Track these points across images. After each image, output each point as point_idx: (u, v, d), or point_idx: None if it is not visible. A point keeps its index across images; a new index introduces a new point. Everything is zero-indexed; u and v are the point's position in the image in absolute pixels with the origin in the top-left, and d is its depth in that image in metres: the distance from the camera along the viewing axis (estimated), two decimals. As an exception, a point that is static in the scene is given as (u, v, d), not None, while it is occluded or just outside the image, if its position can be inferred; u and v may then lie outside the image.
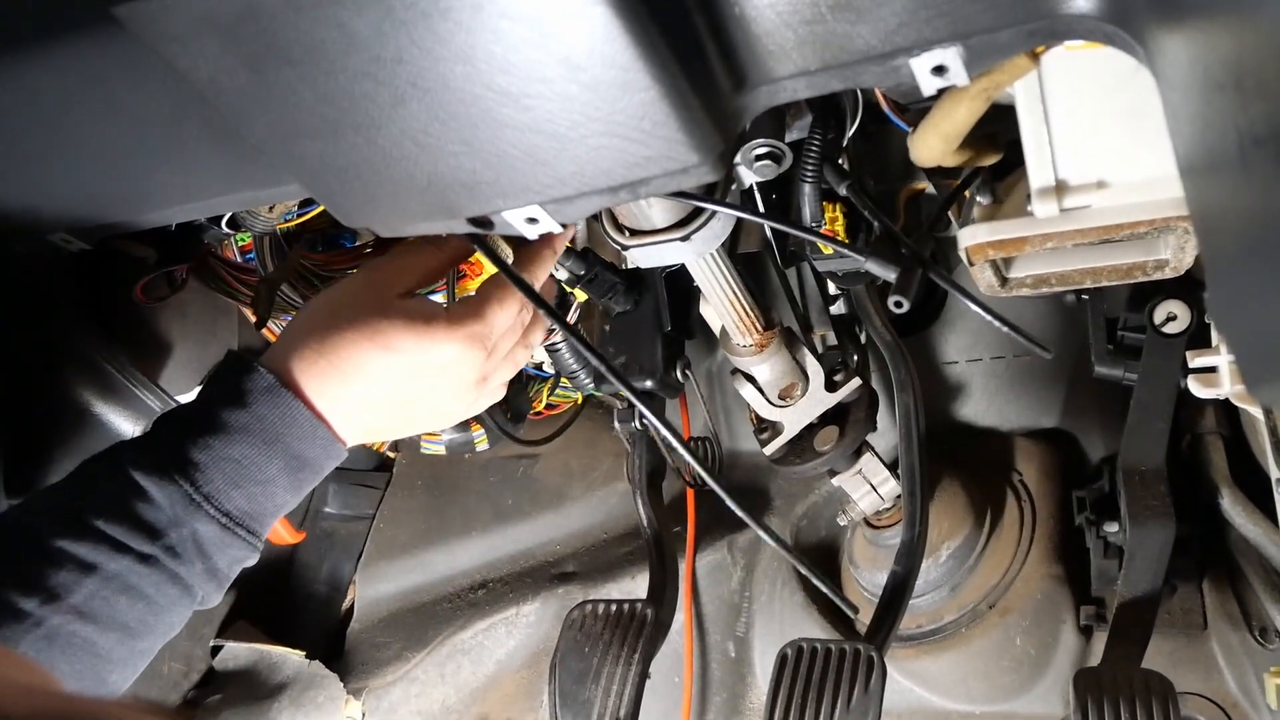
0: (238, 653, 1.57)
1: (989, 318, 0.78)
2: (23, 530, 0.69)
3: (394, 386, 0.78)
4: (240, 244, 1.16)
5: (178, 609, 0.74)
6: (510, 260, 0.93)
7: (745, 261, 1.02)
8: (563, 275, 1.02)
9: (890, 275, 0.82)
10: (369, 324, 0.76)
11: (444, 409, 0.84)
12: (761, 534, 0.77)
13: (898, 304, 0.81)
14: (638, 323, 1.06)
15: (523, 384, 1.55)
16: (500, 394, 0.89)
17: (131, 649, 0.72)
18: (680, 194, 0.77)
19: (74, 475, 0.74)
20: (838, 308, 1.23)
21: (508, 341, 0.85)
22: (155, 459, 0.72)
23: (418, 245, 0.82)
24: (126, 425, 1.16)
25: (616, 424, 1.19)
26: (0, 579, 0.66)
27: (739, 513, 0.70)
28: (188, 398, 1.25)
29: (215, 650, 1.57)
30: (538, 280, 0.86)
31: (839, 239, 0.93)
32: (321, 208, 1.10)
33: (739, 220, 0.88)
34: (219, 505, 0.73)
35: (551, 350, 1.26)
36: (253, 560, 0.78)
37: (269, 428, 0.74)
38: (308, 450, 0.76)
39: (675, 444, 0.76)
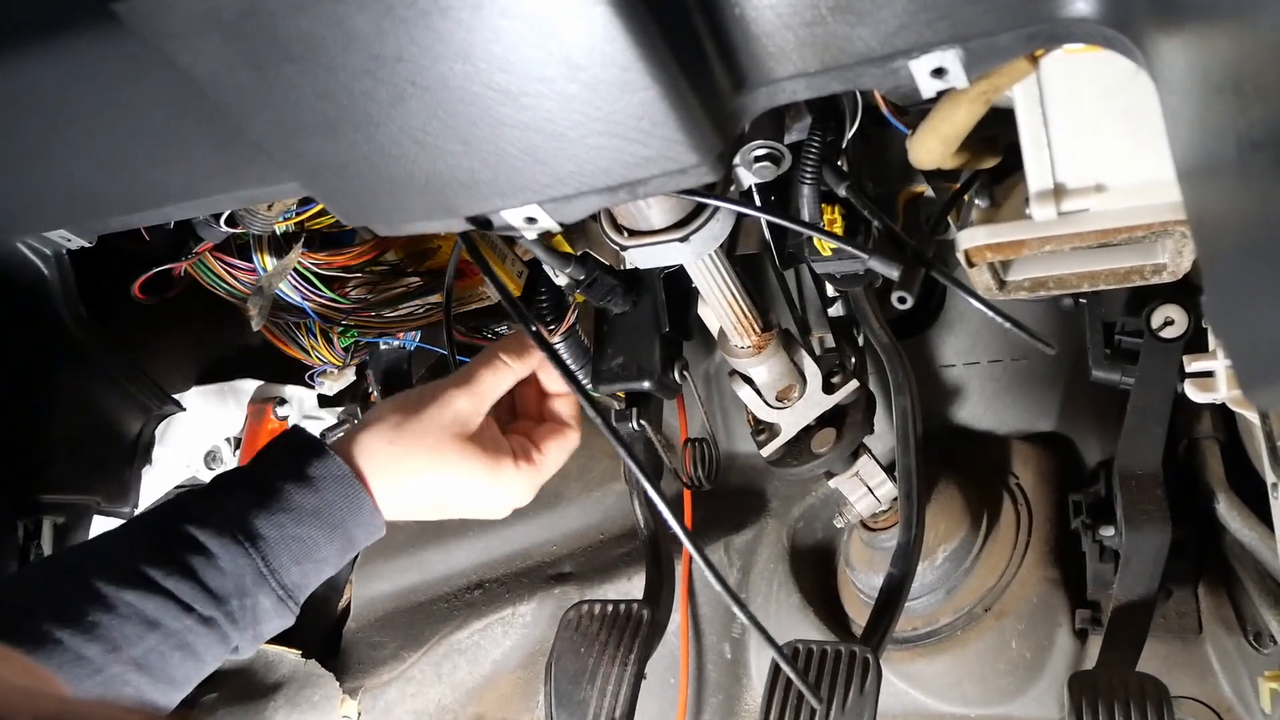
0: (233, 651, 1.57)
1: (991, 314, 0.78)
2: (88, 578, 0.71)
3: (453, 500, 0.86)
4: (239, 242, 1.16)
5: (216, 663, 0.78)
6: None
7: (744, 263, 1.02)
8: (562, 281, 1.02)
9: (893, 273, 0.82)
10: (444, 458, 0.83)
11: (503, 512, 0.92)
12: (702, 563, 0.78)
13: (901, 300, 0.81)
14: (636, 324, 1.06)
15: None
16: None
17: (171, 698, 0.75)
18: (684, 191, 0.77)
19: (135, 526, 0.77)
20: (836, 310, 1.23)
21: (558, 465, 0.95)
22: (224, 525, 0.75)
23: (498, 366, 0.87)
24: (124, 422, 1.16)
25: (614, 424, 1.19)
26: (65, 624, 0.69)
27: (681, 536, 0.71)
28: (185, 395, 1.25)
29: (211, 649, 1.57)
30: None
31: (841, 236, 0.93)
32: (320, 206, 1.10)
33: (738, 222, 0.88)
34: (280, 579, 0.77)
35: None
36: (289, 625, 0.82)
37: (335, 513, 0.79)
38: (360, 534, 0.82)
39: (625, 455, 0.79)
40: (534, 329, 0.78)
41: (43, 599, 0.70)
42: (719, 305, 0.99)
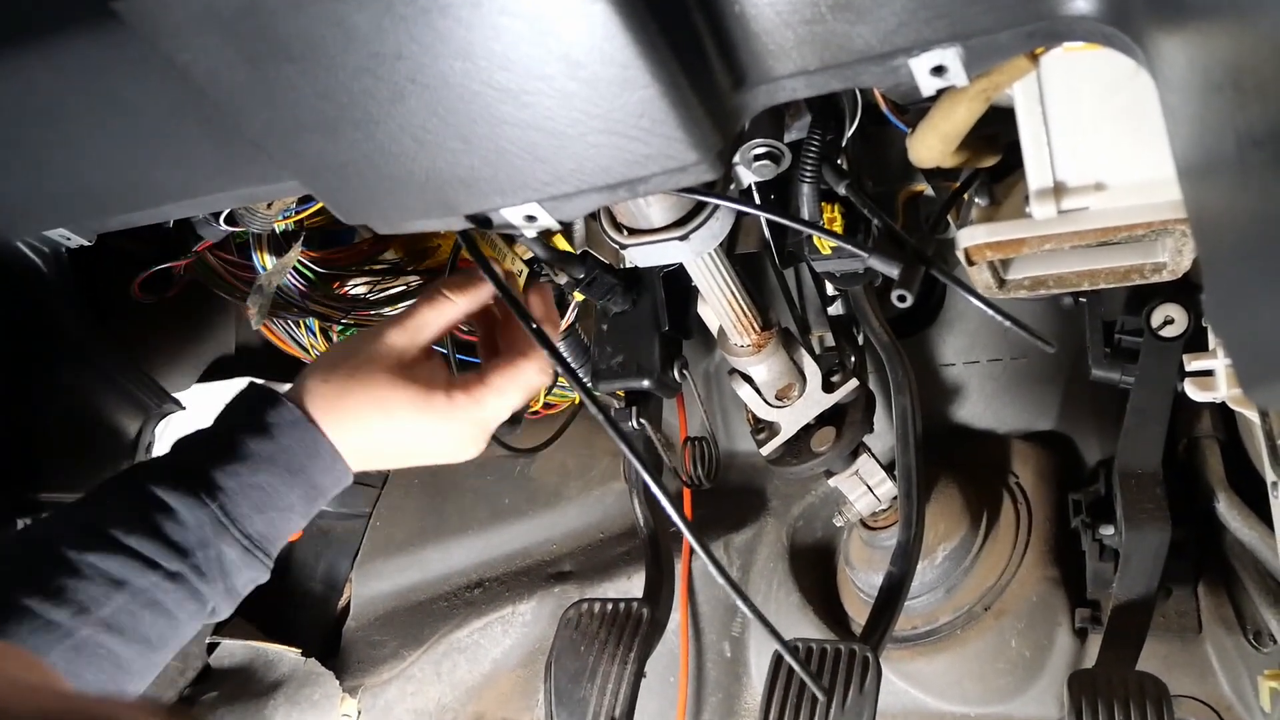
0: (234, 650, 1.57)
1: (991, 313, 0.78)
2: (52, 545, 0.71)
3: (397, 443, 0.83)
4: (238, 241, 1.16)
5: (194, 623, 0.78)
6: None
7: (743, 262, 1.02)
8: (562, 279, 1.02)
9: (893, 271, 0.82)
10: (377, 390, 0.81)
11: (450, 456, 0.88)
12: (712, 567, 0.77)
13: (901, 298, 0.81)
14: (635, 322, 1.06)
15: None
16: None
17: (149, 661, 0.75)
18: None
19: (97, 493, 0.76)
20: (835, 309, 1.23)
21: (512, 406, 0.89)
22: (183, 481, 0.75)
23: (437, 300, 0.84)
24: (123, 421, 1.16)
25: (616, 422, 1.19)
26: (32, 592, 0.68)
27: (688, 535, 0.68)
28: (184, 394, 1.25)
29: (211, 647, 1.57)
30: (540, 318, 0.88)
31: (841, 235, 0.93)
32: (320, 205, 1.10)
33: (737, 220, 0.88)
34: (242, 528, 0.76)
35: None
36: (264, 580, 0.82)
37: (294, 458, 0.78)
38: (324, 480, 0.81)
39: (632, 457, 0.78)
40: (534, 327, 0.78)
41: (8, 569, 0.70)
42: (718, 304, 0.99)
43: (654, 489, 0.78)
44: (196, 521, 0.74)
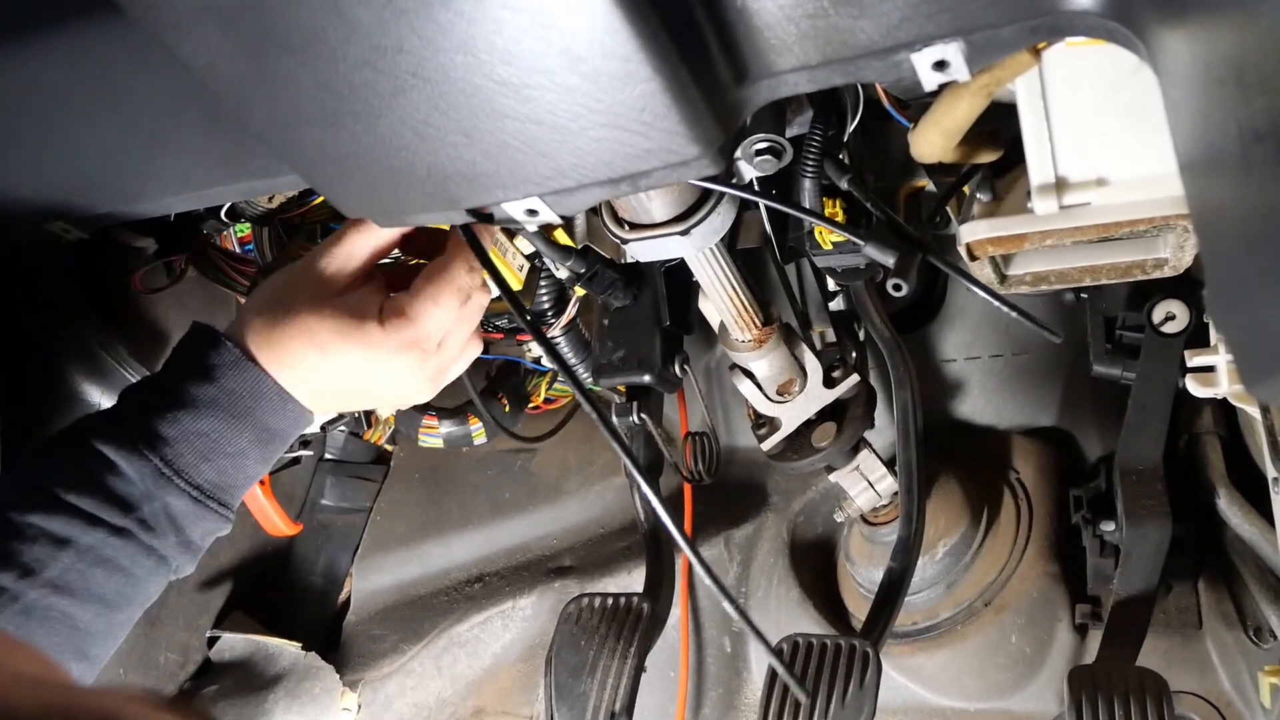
0: (234, 644, 1.57)
1: (995, 302, 0.77)
2: None
3: (334, 379, 0.78)
4: (239, 235, 1.16)
5: (153, 580, 0.75)
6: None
7: (745, 257, 1.02)
8: (563, 274, 1.02)
9: (889, 259, 0.82)
10: (304, 322, 0.76)
11: (396, 396, 0.84)
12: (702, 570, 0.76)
13: (896, 287, 0.81)
14: (636, 317, 1.06)
15: (521, 378, 1.55)
16: (460, 370, 0.88)
17: (110, 620, 0.73)
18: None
19: (40, 452, 0.74)
20: (836, 304, 1.23)
21: (459, 334, 0.84)
22: (123, 433, 0.72)
23: (365, 224, 0.79)
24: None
25: (614, 418, 1.19)
26: None
27: (680, 539, 0.67)
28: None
29: (212, 641, 1.57)
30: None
31: (838, 222, 0.93)
32: (321, 198, 1.10)
33: (739, 215, 0.88)
34: (189, 479, 0.73)
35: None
36: (225, 530, 0.78)
37: (238, 401, 0.75)
38: (277, 422, 0.77)
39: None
40: (531, 323, 0.78)
41: None
42: (720, 299, 0.99)
43: (648, 494, 0.76)
44: (138, 474, 0.71)
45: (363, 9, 0.50)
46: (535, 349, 1.40)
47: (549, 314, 1.19)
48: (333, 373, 0.77)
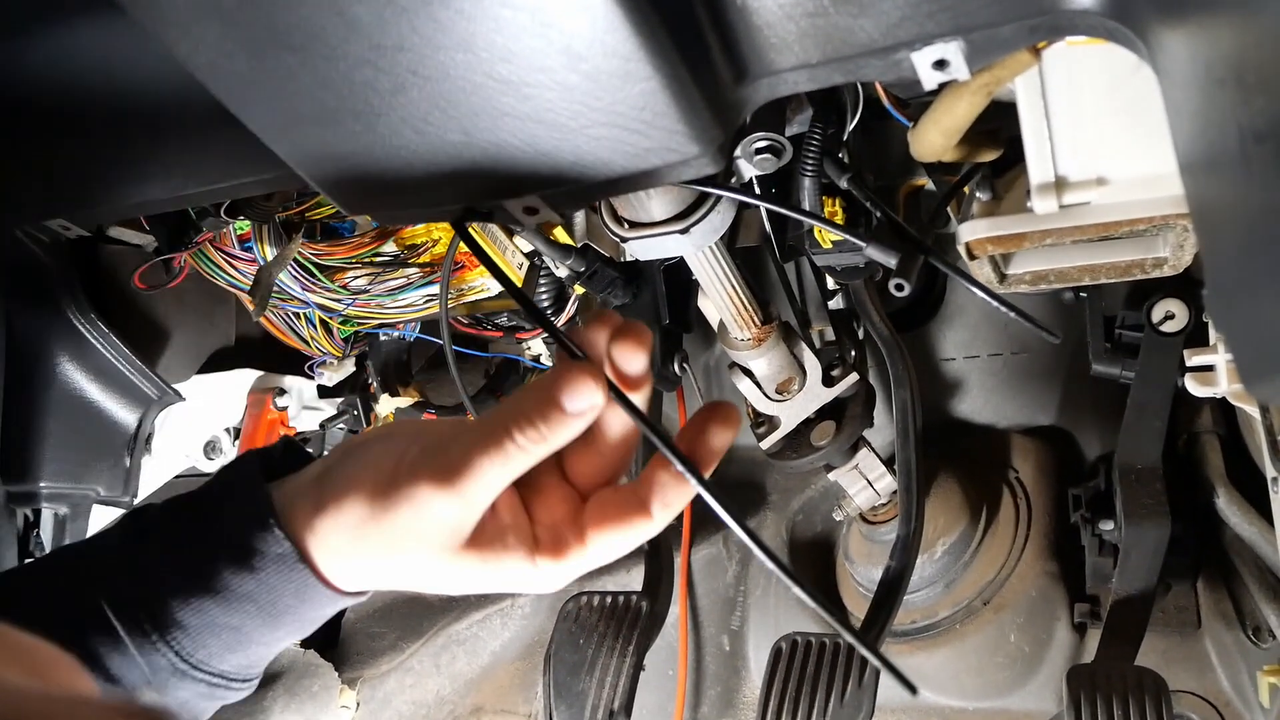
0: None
1: (994, 303, 0.77)
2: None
3: (450, 589, 0.65)
4: (239, 232, 1.16)
5: None
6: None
7: (744, 256, 1.02)
8: (562, 272, 1.02)
9: (890, 260, 0.82)
10: (426, 563, 0.60)
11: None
12: (748, 541, 0.62)
13: (899, 287, 0.81)
14: (635, 316, 1.06)
15: (520, 376, 1.55)
16: None
17: None
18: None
19: (40, 589, 0.64)
20: (836, 303, 1.23)
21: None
22: (135, 615, 0.61)
23: (503, 451, 0.57)
24: (123, 412, 1.16)
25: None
26: None
27: (738, 530, 0.57)
28: (185, 385, 1.25)
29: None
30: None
31: (839, 224, 0.93)
32: (320, 196, 1.10)
33: (738, 214, 0.88)
34: (210, 669, 0.63)
35: (550, 344, 1.26)
36: (246, 694, 0.68)
37: (279, 600, 0.62)
38: (319, 613, 0.65)
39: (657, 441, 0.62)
40: (540, 315, 0.74)
41: None
42: (719, 297, 0.99)
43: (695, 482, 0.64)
44: (150, 666, 0.61)
45: (363, 7, 0.50)
46: (535, 347, 1.40)
47: (549, 312, 1.19)
48: (441, 585, 0.62)
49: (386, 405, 1.46)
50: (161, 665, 0.61)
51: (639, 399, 0.58)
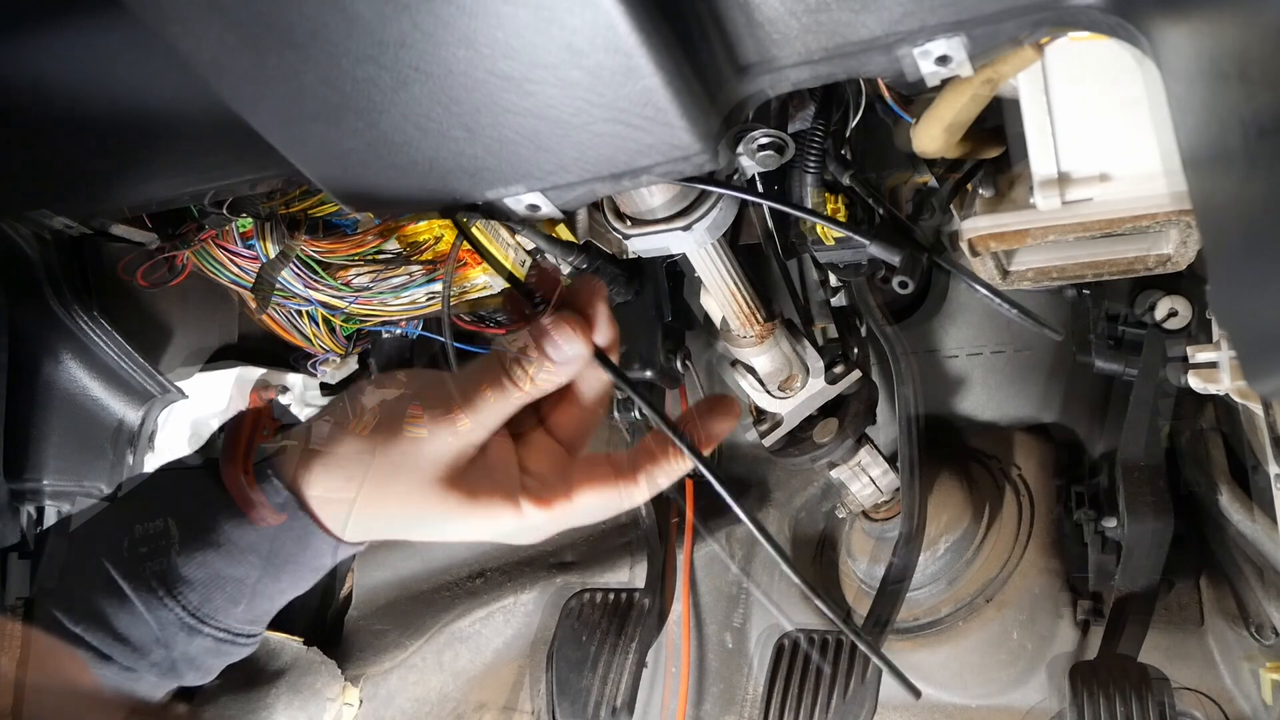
0: (235, 638, 1.57)
1: (995, 300, 0.77)
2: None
3: (439, 534, 0.66)
4: (241, 229, 1.16)
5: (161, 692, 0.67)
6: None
7: (746, 252, 1.02)
8: (565, 270, 1.02)
9: (894, 259, 0.82)
10: (417, 502, 0.63)
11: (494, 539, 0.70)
12: (756, 531, 0.64)
13: (903, 284, 0.81)
14: (638, 313, 1.06)
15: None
16: None
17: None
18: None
19: (50, 556, 0.65)
20: (838, 300, 1.23)
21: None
22: (140, 571, 0.62)
23: (501, 385, 0.61)
24: (125, 409, 1.17)
25: (615, 413, 1.19)
26: None
27: (735, 507, 0.59)
28: (187, 383, 1.25)
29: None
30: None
31: (843, 221, 0.93)
32: (323, 193, 1.10)
33: (740, 210, 0.88)
34: (217, 624, 0.65)
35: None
36: (250, 651, 0.70)
37: (281, 549, 0.64)
38: (320, 563, 0.67)
39: (670, 433, 0.64)
40: (538, 310, 0.74)
41: None
42: (721, 294, 0.99)
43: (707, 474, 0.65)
44: (157, 621, 0.62)
45: (365, 4, 0.50)
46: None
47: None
48: (430, 530, 0.65)
49: (389, 403, 1.46)
50: (170, 621, 0.62)
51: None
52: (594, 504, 0.64)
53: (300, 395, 1.45)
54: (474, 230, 0.80)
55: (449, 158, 0.60)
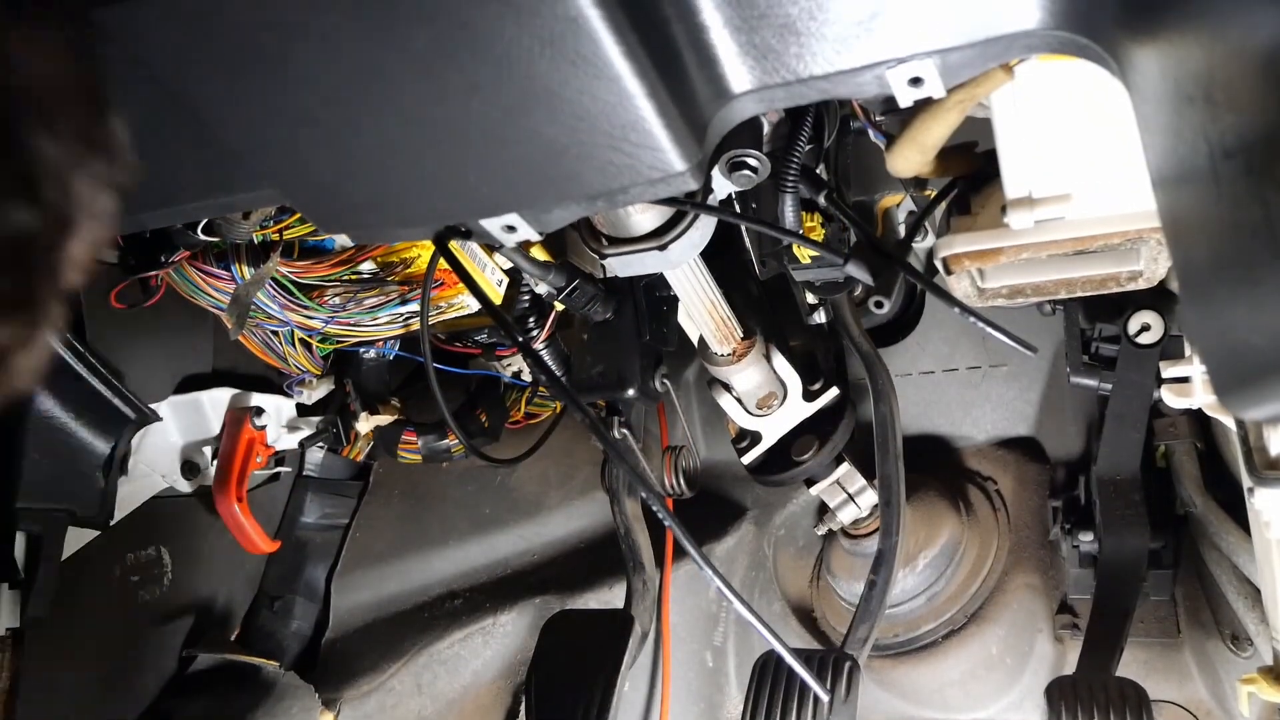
0: (211, 663, 1.55)
1: (971, 319, 0.78)
2: None
3: None
4: (216, 251, 1.16)
5: None
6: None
7: (723, 271, 1.02)
8: (543, 290, 1.02)
9: (869, 278, 0.82)
10: None
11: None
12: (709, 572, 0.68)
13: (879, 304, 0.82)
14: (616, 332, 1.06)
15: (500, 394, 1.54)
16: None
17: None
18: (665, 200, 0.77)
19: None
20: (816, 318, 1.23)
21: None
22: None
23: None
24: (101, 432, 1.16)
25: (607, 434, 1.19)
26: None
27: (689, 548, 0.61)
28: (162, 406, 1.24)
29: (189, 661, 1.55)
30: None
31: (819, 242, 0.93)
32: (298, 215, 1.09)
33: (716, 229, 0.88)
34: None
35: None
36: None
37: None
38: None
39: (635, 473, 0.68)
40: (520, 338, 0.76)
41: None
42: (699, 313, 0.99)
43: (653, 504, 0.72)
44: None
45: (344, 31, 0.50)
46: (515, 364, 1.40)
47: (531, 330, 1.19)
48: None
49: (366, 423, 1.45)
50: None
51: None
52: None
53: (276, 416, 1.44)
54: (453, 251, 0.80)
55: (425, 180, 0.60)
